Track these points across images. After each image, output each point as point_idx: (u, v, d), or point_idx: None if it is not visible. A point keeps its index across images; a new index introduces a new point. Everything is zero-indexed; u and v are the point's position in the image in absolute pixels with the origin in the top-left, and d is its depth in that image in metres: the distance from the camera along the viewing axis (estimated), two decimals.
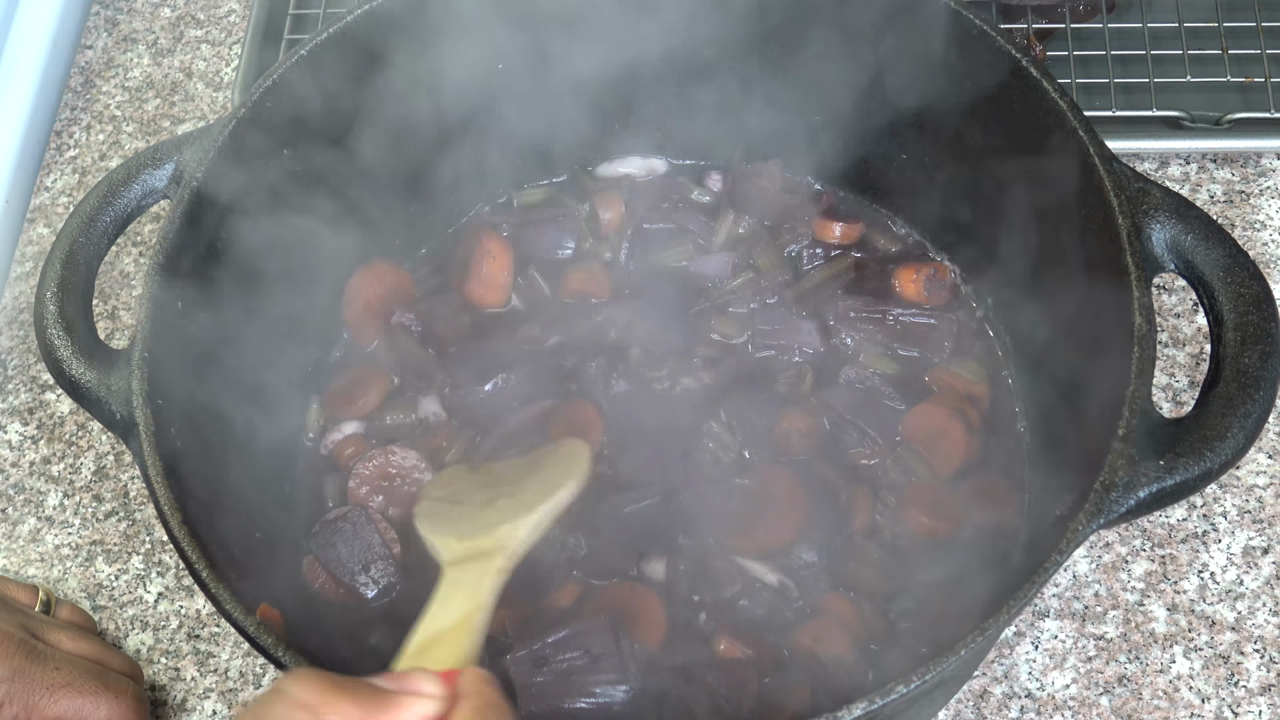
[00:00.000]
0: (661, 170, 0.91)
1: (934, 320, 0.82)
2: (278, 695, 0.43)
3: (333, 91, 0.77)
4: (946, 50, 0.76)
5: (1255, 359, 0.62)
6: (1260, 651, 0.77)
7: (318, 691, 0.43)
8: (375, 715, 0.43)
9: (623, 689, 0.69)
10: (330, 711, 0.42)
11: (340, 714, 0.42)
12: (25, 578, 0.85)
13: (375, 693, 0.44)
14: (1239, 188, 0.93)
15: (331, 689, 0.43)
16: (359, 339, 0.86)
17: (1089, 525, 0.60)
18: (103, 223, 0.72)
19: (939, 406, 0.79)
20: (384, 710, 0.43)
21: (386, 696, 0.44)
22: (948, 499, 0.76)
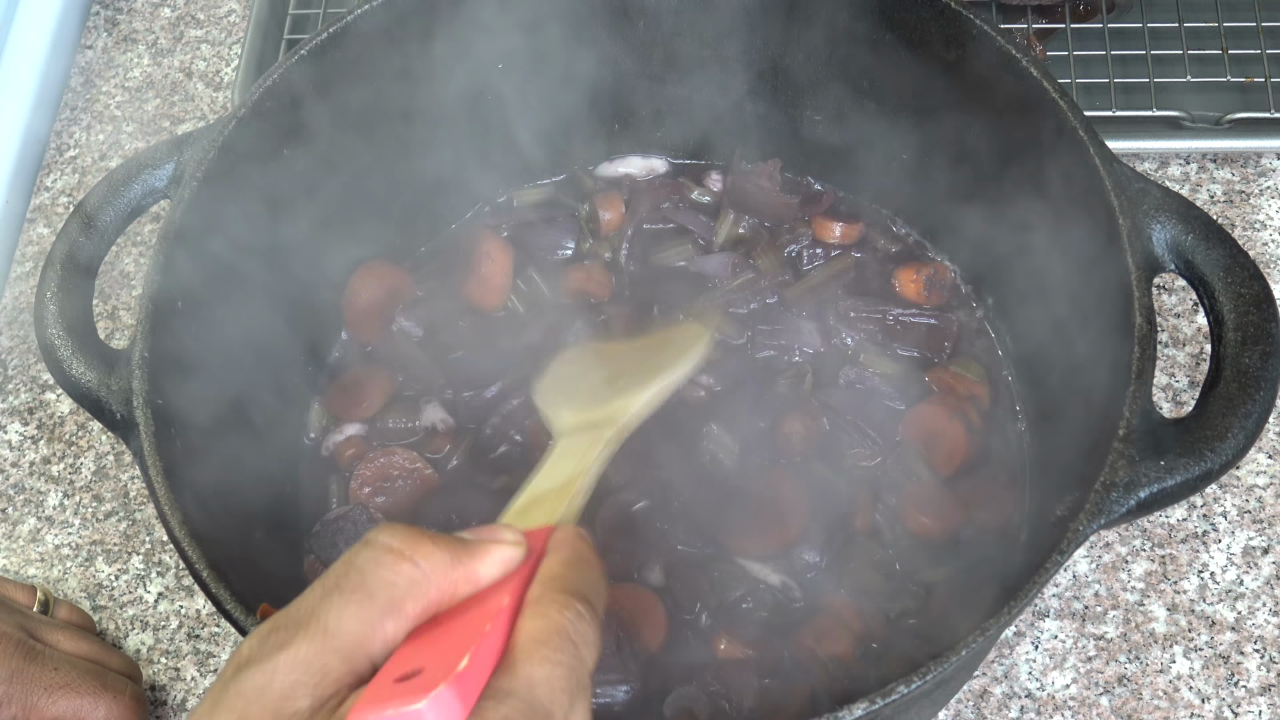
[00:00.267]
0: (661, 170, 0.91)
1: (934, 320, 0.82)
2: (365, 544, 0.43)
3: (333, 91, 0.77)
4: (946, 50, 0.76)
5: (1256, 359, 0.62)
6: (1260, 651, 0.77)
7: (404, 537, 0.43)
8: (460, 559, 0.44)
9: (623, 689, 0.69)
10: (418, 554, 0.43)
11: (427, 557, 0.43)
12: (25, 578, 0.85)
13: (460, 541, 0.45)
14: (1239, 188, 0.93)
15: (418, 536, 0.44)
16: (359, 339, 0.86)
17: (1089, 526, 0.60)
18: (103, 223, 0.72)
19: (939, 406, 0.79)
20: (469, 555, 0.44)
21: (471, 544, 0.45)
22: (948, 499, 0.76)
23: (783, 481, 0.77)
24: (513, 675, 0.42)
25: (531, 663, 0.42)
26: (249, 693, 0.40)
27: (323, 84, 0.77)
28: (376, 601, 0.42)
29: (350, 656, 0.41)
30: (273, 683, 0.40)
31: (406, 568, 0.43)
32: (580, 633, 0.44)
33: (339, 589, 0.42)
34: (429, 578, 0.43)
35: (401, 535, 0.43)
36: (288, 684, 0.40)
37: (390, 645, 0.42)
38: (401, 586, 0.42)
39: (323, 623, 0.41)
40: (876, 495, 0.77)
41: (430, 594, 0.43)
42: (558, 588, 0.45)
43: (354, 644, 0.41)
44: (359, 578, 0.42)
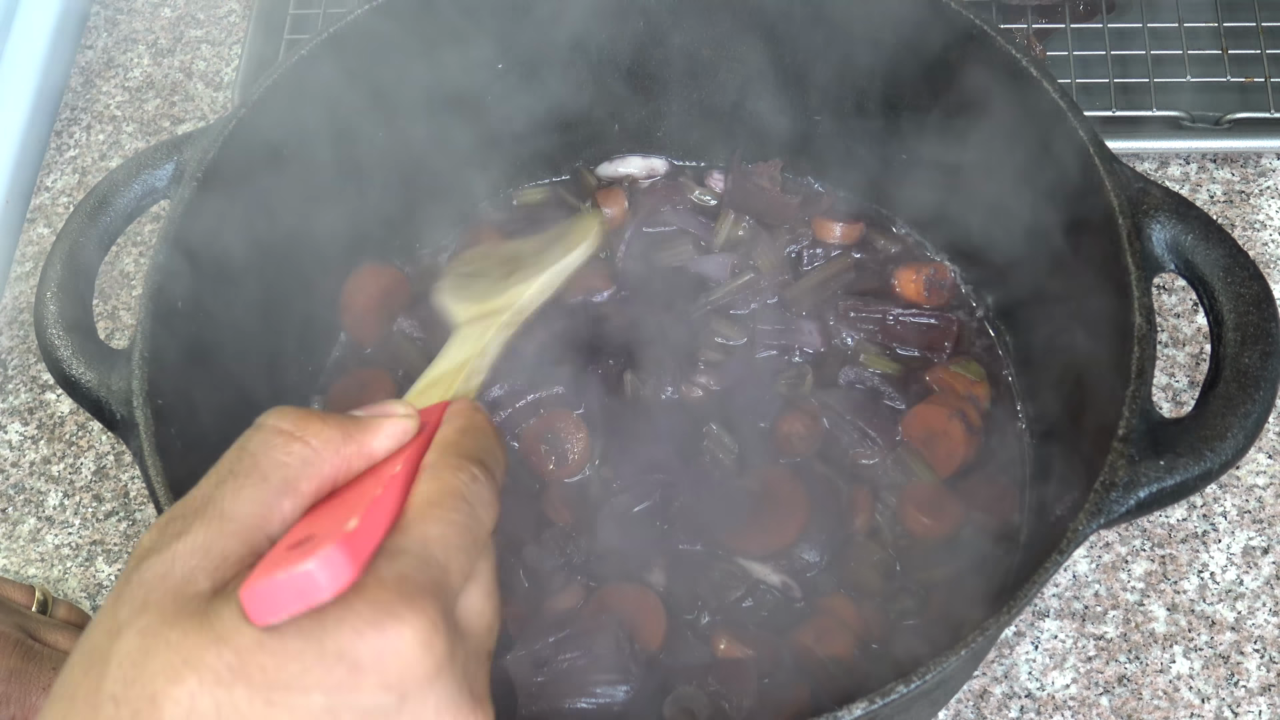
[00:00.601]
0: (662, 170, 0.91)
1: (934, 320, 0.82)
2: (255, 428, 0.44)
3: (333, 91, 0.77)
4: (946, 50, 0.76)
5: (1255, 359, 0.62)
6: (1260, 651, 0.77)
7: (293, 417, 0.44)
8: (351, 434, 0.44)
9: (623, 689, 0.69)
10: (308, 432, 0.44)
11: (318, 434, 0.44)
12: (25, 578, 0.85)
13: (351, 417, 0.45)
14: (1239, 188, 0.93)
15: (307, 415, 0.44)
16: (357, 341, 0.86)
17: (1089, 525, 0.60)
18: (103, 223, 0.72)
19: (939, 406, 0.79)
20: (360, 430, 0.45)
21: (362, 419, 0.45)
22: (948, 499, 0.76)
23: (783, 481, 0.77)
24: (405, 534, 0.42)
25: (425, 521, 0.42)
26: (150, 580, 0.40)
27: (323, 84, 0.77)
28: (270, 483, 0.42)
29: (248, 538, 0.42)
30: (173, 569, 0.40)
31: (298, 447, 0.43)
32: (476, 493, 0.44)
33: (233, 474, 0.43)
34: (321, 455, 0.43)
35: (291, 416, 0.44)
36: (187, 569, 0.40)
37: (287, 524, 0.42)
38: (294, 466, 0.43)
39: (218, 508, 0.42)
40: (876, 495, 0.77)
41: (324, 471, 0.44)
42: (452, 452, 0.45)
43: (251, 526, 0.42)
44: (251, 461, 0.43)
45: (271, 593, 0.39)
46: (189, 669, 0.38)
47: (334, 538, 0.40)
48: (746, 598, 0.74)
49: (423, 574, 0.41)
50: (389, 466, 0.45)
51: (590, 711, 0.69)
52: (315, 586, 0.39)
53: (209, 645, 0.38)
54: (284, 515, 0.43)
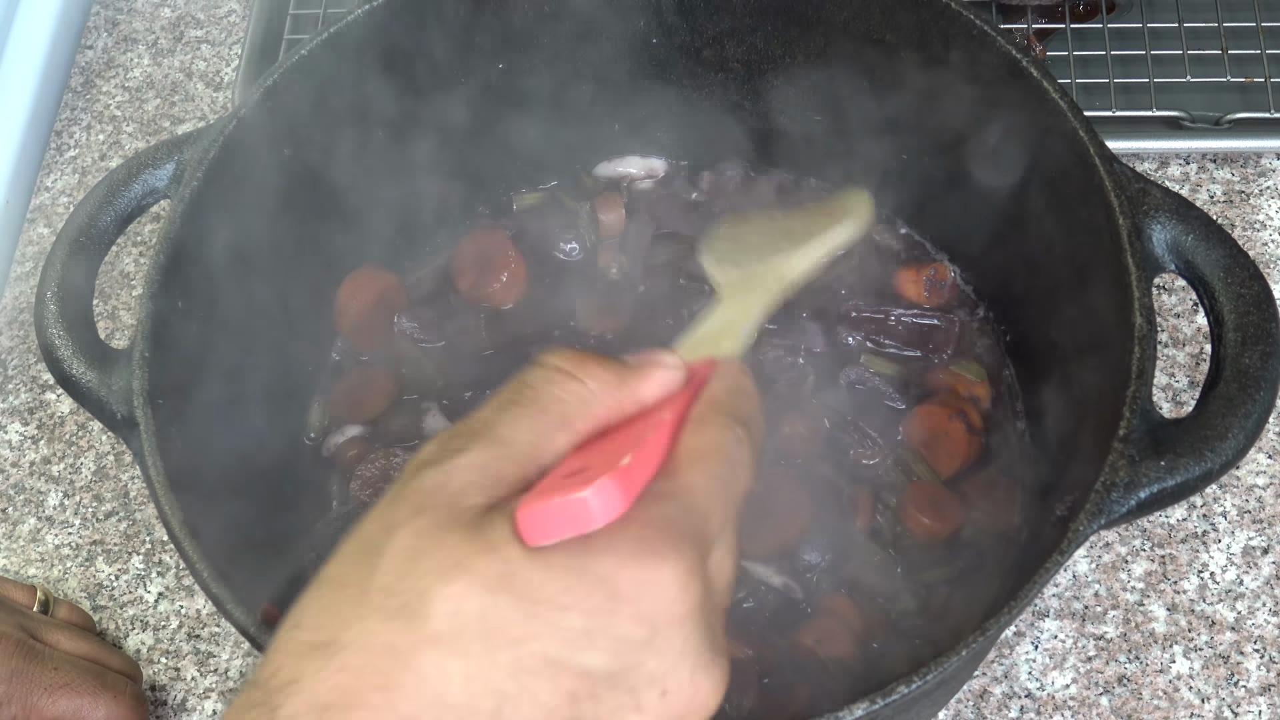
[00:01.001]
0: (661, 170, 0.91)
1: (936, 321, 0.82)
2: (536, 365, 0.46)
3: (332, 92, 0.77)
4: (946, 50, 0.76)
5: (1256, 359, 0.62)
6: (1260, 651, 0.77)
7: (573, 358, 0.46)
8: (625, 379, 0.46)
9: None
10: (586, 373, 0.45)
11: (594, 376, 0.45)
12: (25, 578, 0.85)
13: (624, 363, 0.47)
14: (1239, 188, 0.93)
15: (586, 357, 0.46)
16: (355, 345, 0.85)
17: (1089, 526, 0.60)
18: (103, 223, 0.72)
19: (940, 407, 0.79)
20: (634, 375, 0.46)
21: (635, 366, 0.47)
22: (948, 499, 0.76)
23: (784, 483, 0.77)
24: (673, 480, 0.43)
25: (691, 471, 0.44)
26: (428, 487, 0.42)
27: (323, 84, 0.77)
28: (548, 416, 0.44)
29: (523, 464, 0.43)
30: (450, 481, 0.42)
31: (576, 386, 0.45)
32: (738, 453, 0.46)
33: (514, 403, 0.45)
34: (596, 395, 0.45)
35: (570, 357, 0.46)
36: (463, 483, 0.42)
37: (560, 457, 0.44)
38: (571, 403, 0.45)
39: (498, 432, 0.43)
40: (877, 496, 0.77)
41: (597, 411, 0.45)
42: (719, 410, 0.47)
43: (527, 453, 0.43)
44: (532, 394, 0.45)
45: (546, 515, 0.40)
46: (460, 571, 0.40)
47: (609, 471, 0.41)
48: (748, 599, 0.74)
49: (686, 519, 0.42)
50: (658, 413, 0.46)
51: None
52: (588, 514, 0.41)
53: (481, 553, 0.40)
54: (558, 448, 0.44)
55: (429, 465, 0.43)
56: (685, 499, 0.43)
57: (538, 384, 0.45)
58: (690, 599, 0.41)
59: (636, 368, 0.47)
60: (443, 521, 0.41)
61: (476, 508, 0.42)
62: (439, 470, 0.43)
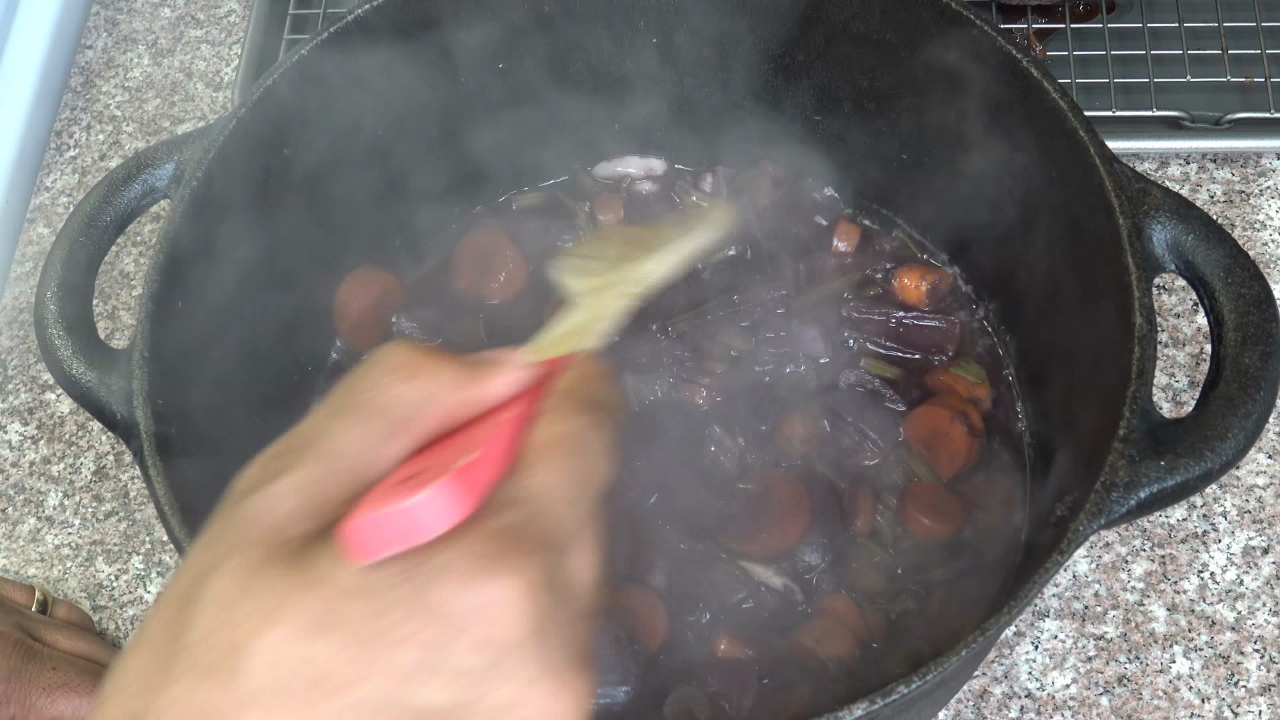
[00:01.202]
0: (660, 170, 0.91)
1: (937, 322, 0.82)
2: (372, 362, 0.42)
3: (332, 92, 0.77)
4: (946, 50, 0.76)
5: (1256, 359, 0.62)
6: (1260, 651, 0.77)
7: (405, 356, 0.42)
8: (470, 377, 0.43)
9: (623, 689, 0.69)
10: (419, 373, 0.42)
11: (435, 374, 0.42)
12: (25, 578, 0.85)
13: (465, 362, 0.43)
14: (1239, 188, 0.93)
15: (420, 353, 0.42)
16: (355, 346, 0.85)
17: (1090, 526, 0.60)
18: (103, 223, 0.72)
19: (941, 408, 0.79)
20: (479, 373, 0.43)
21: (482, 363, 0.44)
22: (948, 500, 0.76)
23: (784, 484, 0.77)
24: (517, 482, 0.40)
25: (538, 469, 0.40)
26: (247, 519, 0.39)
27: (323, 84, 0.77)
28: (384, 420, 0.41)
29: (354, 479, 0.40)
30: (272, 509, 0.39)
31: (412, 385, 0.41)
32: (592, 439, 0.42)
33: (343, 409, 0.41)
34: (437, 395, 0.42)
35: (409, 351, 0.42)
36: (287, 510, 0.39)
37: (397, 465, 0.41)
38: (408, 405, 0.41)
39: (325, 446, 0.40)
40: (877, 496, 0.77)
41: (439, 411, 0.42)
42: (570, 397, 0.43)
43: (359, 464, 0.40)
44: (363, 397, 0.41)
45: (375, 526, 0.37)
46: (280, 614, 0.36)
47: (444, 473, 0.38)
48: (748, 599, 0.74)
49: (531, 526, 0.39)
50: (506, 411, 0.43)
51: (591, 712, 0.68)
52: (421, 522, 0.37)
53: (303, 590, 0.36)
54: (393, 455, 0.41)
55: (250, 491, 0.39)
56: (532, 502, 0.40)
57: (370, 386, 0.41)
58: (533, 617, 0.38)
59: (483, 365, 0.43)
60: (263, 559, 0.37)
61: (301, 537, 0.38)
62: (259, 498, 0.39)
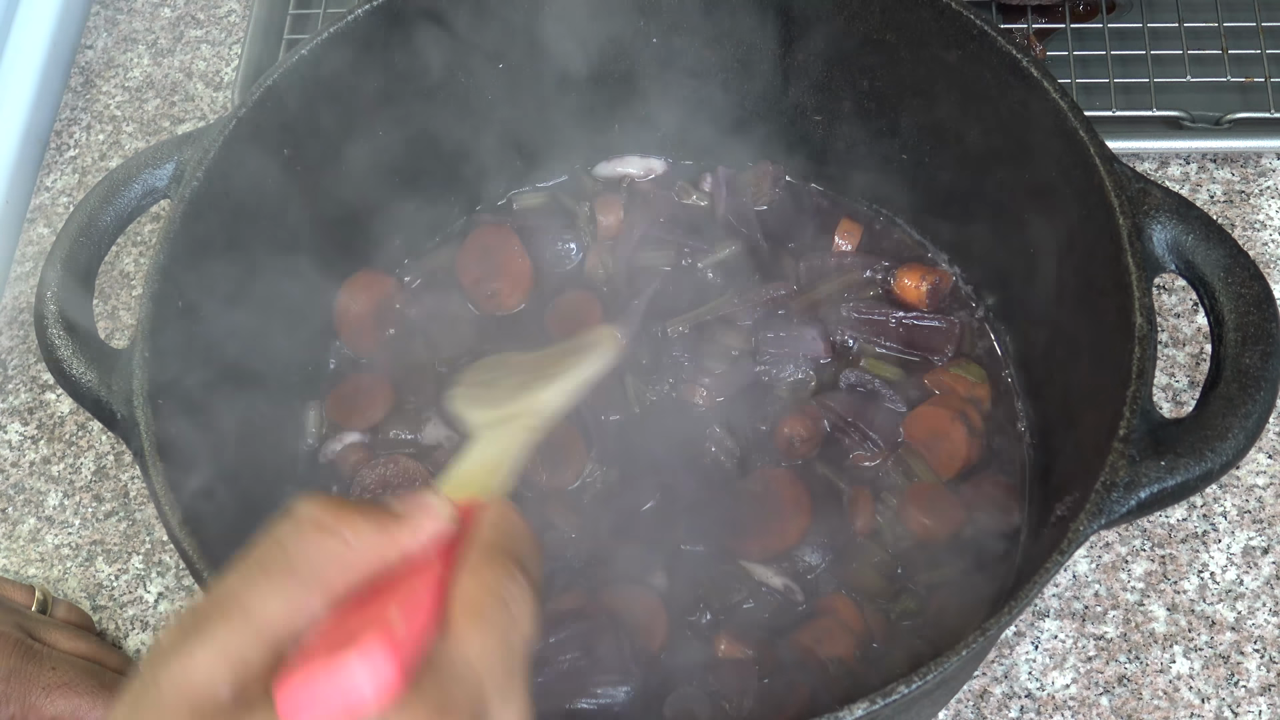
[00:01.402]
0: (660, 170, 0.91)
1: (936, 323, 0.82)
2: (288, 518, 0.42)
3: (332, 92, 0.77)
4: (946, 50, 0.76)
5: (1256, 359, 0.62)
6: (1260, 651, 0.77)
7: (328, 509, 0.42)
8: (388, 529, 0.43)
9: (624, 689, 0.69)
10: (344, 526, 0.42)
11: (353, 528, 0.42)
12: (25, 578, 0.85)
13: (387, 511, 0.44)
14: (1239, 188, 0.93)
15: (342, 508, 0.43)
16: (354, 349, 0.85)
17: (1090, 526, 0.60)
18: (103, 223, 0.72)
19: (940, 408, 0.79)
20: (397, 526, 0.43)
21: (398, 515, 0.44)
22: (949, 500, 0.76)
23: (784, 484, 0.77)
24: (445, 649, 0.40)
25: (466, 631, 0.41)
26: (167, 687, 0.39)
27: (323, 84, 0.77)
28: (301, 578, 0.41)
29: (274, 638, 0.40)
30: (192, 675, 0.39)
31: (333, 542, 0.42)
32: (514, 597, 0.43)
33: (261, 567, 0.41)
34: (355, 551, 0.42)
35: (325, 507, 0.42)
36: (207, 675, 0.39)
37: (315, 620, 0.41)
38: (326, 561, 0.41)
39: (244, 605, 0.40)
40: (878, 496, 0.77)
41: (354, 566, 0.42)
42: (490, 552, 0.44)
43: (277, 624, 0.40)
44: (283, 554, 0.41)
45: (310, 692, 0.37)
46: None
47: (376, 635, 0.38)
48: (748, 599, 0.74)
49: (463, 694, 0.39)
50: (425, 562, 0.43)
51: (591, 712, 0.69)
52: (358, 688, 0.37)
53: None
54: (312, 613, 0.41)
55: (168, 657, 0.39)
56: (461, 668, 0.40)
57: (288, 542, 0.42)
58: None
59: (399, 516, 0.44)
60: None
61: (223, 706, 0.38)
62: (178, 664, 0.39)
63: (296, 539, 0.42)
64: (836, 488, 0.78)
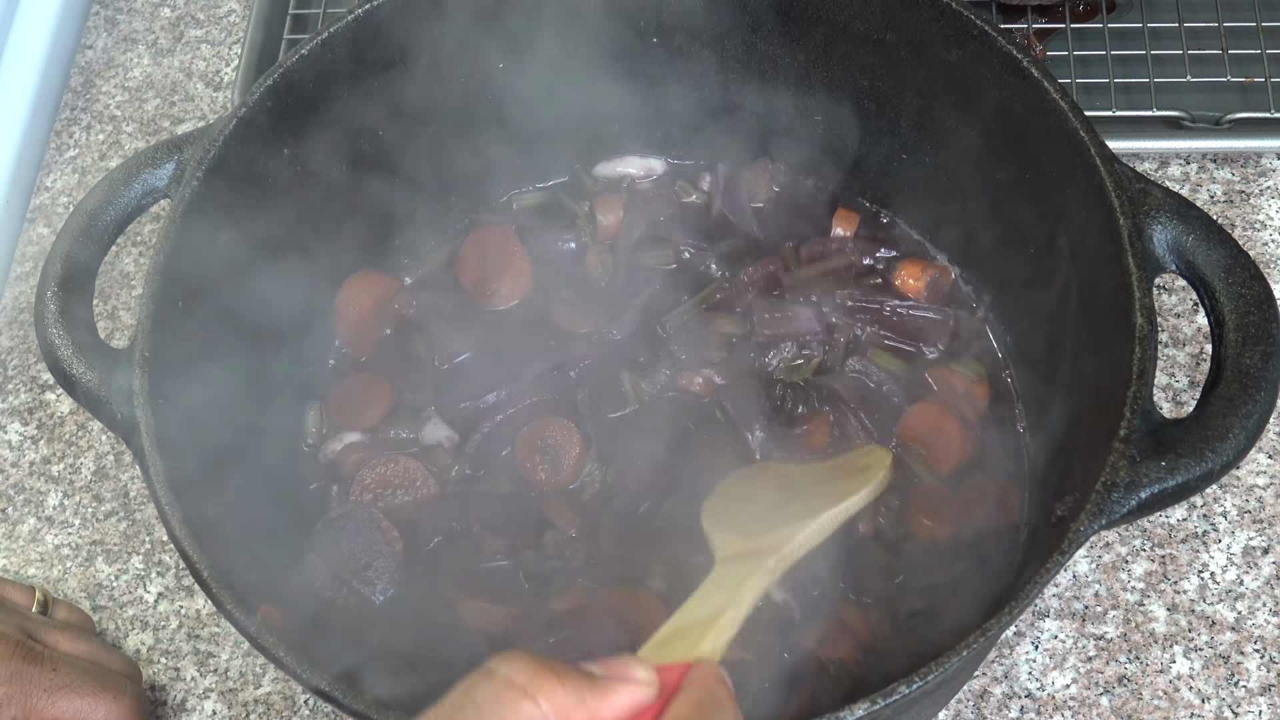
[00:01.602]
0: (660, 170, 0.91)
1: (932, 315, 0.82)
2: (487, 675, 0.42)
3: (332, 92, 0.77)
4: (946, 50, 0.76)
5: (1256, 359, 0.62)
6: (1260, 651, 0.77)
7: (528, 672, 0.42)
8: (585, 698, 0.42)
9: None
10: (540, 692, 0.41)
11: (550, 695, 0.41)
12: (25, 578, 0.85)
13: (586, 677, 0.43)
14: (1239, 188, 0.93)
15: (542, 669, 0.42)
16: (354, 350, 0.85)
17: (1090, 526, 0.60)
18: (103, 223, 0.72)
19: (935, 404, 0.79)
20: (594, 694, 0.42)
21: (597, 682, 0.43)
22: (949, 500, 0.76)
23: None
24: None
25: None
26: None
27: (323, 84, 0.77)
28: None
29: None
30: None
31: (528, 707, 0.41)
32: None
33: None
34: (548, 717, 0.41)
35: (526, 669, 0.41)
36: None
37: None
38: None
39: None
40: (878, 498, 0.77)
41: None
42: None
43: None
44: (475, 715, 0.40)
45: None
46: None
47: None
48: None
49: None
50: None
51: None
52: None
53: None
54: None
55: None
56: None
57: (484, 702, 0.41)
58: None
59: (602, 685, 0.42)
60: None
61: None
62: None
63: (492, 700, 0.41)
64: None
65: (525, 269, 0.86)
